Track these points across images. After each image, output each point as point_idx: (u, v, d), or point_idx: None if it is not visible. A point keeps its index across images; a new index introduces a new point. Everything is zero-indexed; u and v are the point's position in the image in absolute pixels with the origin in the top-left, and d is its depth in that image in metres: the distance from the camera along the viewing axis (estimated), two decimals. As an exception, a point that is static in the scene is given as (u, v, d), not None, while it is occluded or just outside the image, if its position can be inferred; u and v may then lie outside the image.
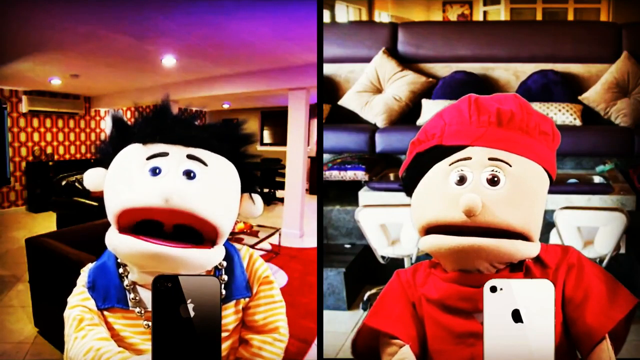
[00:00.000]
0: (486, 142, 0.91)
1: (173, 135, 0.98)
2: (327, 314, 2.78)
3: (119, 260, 1.00)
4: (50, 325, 2.78)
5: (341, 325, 2.72)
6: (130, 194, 0.92)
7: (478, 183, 0.88)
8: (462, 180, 0.89)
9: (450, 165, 0.91)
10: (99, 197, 1.02)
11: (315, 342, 2.70)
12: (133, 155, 0.98)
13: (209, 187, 0.96)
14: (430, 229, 0.91)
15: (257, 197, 1.10)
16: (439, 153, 0.93)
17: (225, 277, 1.04)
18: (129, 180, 0.94)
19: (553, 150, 0.96)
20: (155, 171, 0.94)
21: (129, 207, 0.92)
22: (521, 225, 0.87)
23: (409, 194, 0.98)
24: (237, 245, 1.13)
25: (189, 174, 0.95)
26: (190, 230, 0.94)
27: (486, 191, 0.87)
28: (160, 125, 0.99)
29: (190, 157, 0.97)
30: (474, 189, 0.87)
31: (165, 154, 0.96)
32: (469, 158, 0.90)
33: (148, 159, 0.96)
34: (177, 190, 0.90)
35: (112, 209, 0.95)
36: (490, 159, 0.89)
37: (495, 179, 0.87)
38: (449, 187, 0.89)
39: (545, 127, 0.94)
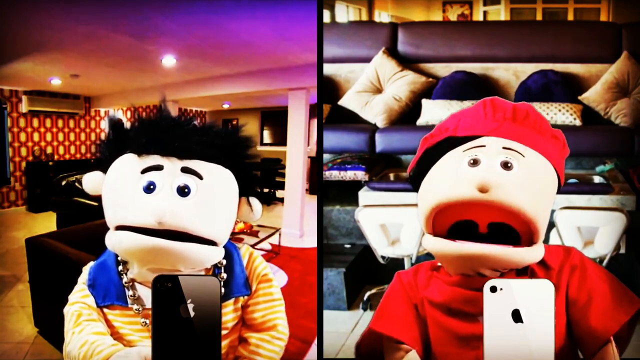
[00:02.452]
0: (501, 134, 0.91)
1: (168, 148, 0.97)
2: (327, 314, 2.78)
3: (118, 258, 1.01)
4: (50, 325, 2.78)
5: (341, 325, 2.72)
6: (125, 212, 0.93)
7: (491, 166, 0.87)
8: (475, 163, 0.88)
9: (464, 151, 0.90)
10: (99, 197, 1.02)
11: (315, 342, 2.70)
12: (128, 167, 0.97)
13: (204, 203, 0.95)
14: (437, 221, 0.89)
15: (255, 202, 1.08)
16: (451, 144, 0.93)
17: (224, 275, 1.04)
18: (124, 197, 0.94)
19: (563, 157, 0.96)
20: (149, 187, 0.93)
21: (125, 225, 0.93)
22: (532, 211, 0.85)
23: (417, 188, 0.97)
24: (237, 244, 1.13)
25: (183, 190, 0.94)
26: (187, 236, 0.94)
27: (500, 173, 0.86)
28: (154, 135, 0.98)
29: (185, 170, 0.96)
30: (487, 170, 0.86)
31: (159, 168, 0.95)
32: (483, 146, 0.89)
33: (143, 172, 0.95)
34: (170, 210, 0.90)
35: (109, 221, 0.97)
36: (504, 148, 0.89)
37: (509, 164, 0.87)
38: (462, 169, 0.88)
39: (557, 134, 0.95)
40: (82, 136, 7.90)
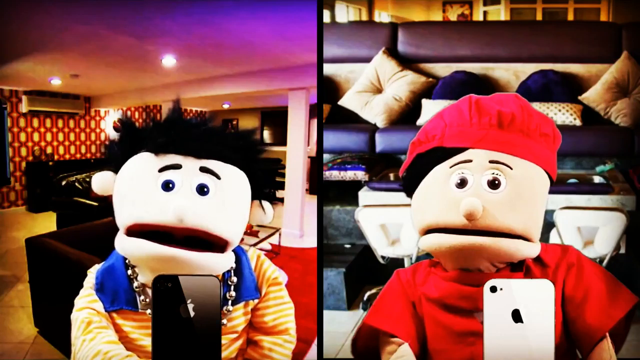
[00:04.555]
0: (487, 145, 0.90)
1: (187, 147, 0.96)
2: (327, 314, 2.78)
3: (127, 262, 1.00)
4: (50, 325, 2.78)
5: (341, 325, 2.72)
6: (143, 210, 0.92)
7: (479, 186, 0.87)
8: (462, 184, 0.89)
9: (451, 167, 0.91)
10: (99, 197, 1.01)
11: (315, 342, 2.70)
12: (145, 165, 0.96)
13: (222, 203, 0.95)
14: (430, 230, 0.91)
15: (267, 205, 1.08)
16: (439, 154, 0.93)
17: (234, 279, 1.04)
18: (141, 194, 0.93)
19: (554, 152, 0.96)
20: (168, 185, 0.93)
21: (142, 223, 0.91)
22: (522, 228, 0.87)
23: (409, 194, 0.98)
24: (243, 247, 1.12)
25: (202, 190, 0.94)
26: (200, 240, 0.93)
27: (487, 195, 0.87)
28: (173, 136, 0.97)
29: (203, 169, 0.95)
30: (475, 193, 0.87)
31: (178, 167, 0.94)
32: (470, 161, 0.90)
33: (160, 170, 0.94)
34: (191, 209, 0.90)
35: (123, 220, 0.95)
36: (491, 161, 0.89)
37: (496, 182, 0.87)
38: (450, 191, 0.89)
39: (546, 128, 0.94)
40: (82, 136, 7.90)
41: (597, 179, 3.06)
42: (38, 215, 6.61)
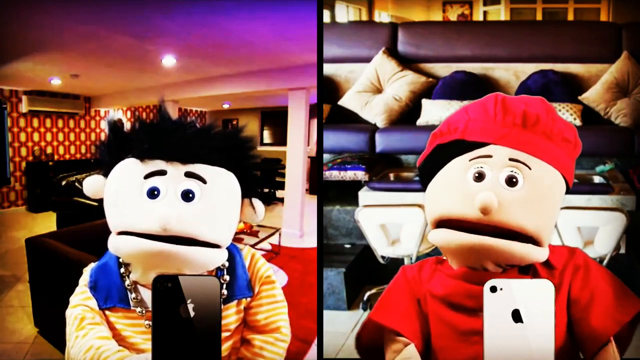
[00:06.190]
0: (509, 143, 0.89)
1: (172, 153, 0.96)
2: (327, 314, 2.78)
3: (120, 260, 1.00)
4: (50, 325, 2.78)
5: (341, 325, 2.72)
6: (130, 218, 0.92)
7: (496, 182, 0.87)
8: (480, 177, 0.88)
9: (470, 161, 0.90)
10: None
11: (315, 342, 2.70)
12: (131, 172, 0.96)
13: (208, 208, 0.94)
14: (442, 223, 0.90)
15: (258, 203, 1.07)
16: (459, 147, 0.92)
17: (227, 277, 1.04)
18: (127, 202, 0.93)
19: (573, 159, 0.95)
20: (153, 193, 0.92)
21: (129, 231, 0.92)
22: (534, 229, 0.86)
23: (424, 184, 0.97)
24: (239, 245, 1.12)
25: (187, 195, 0.93)
26: (190, 241, 0.93)
27: (503, 191, 0.86)
28: (157, 140, 0.96)
29: (188, 174, 0.95)
30: (492, 188, 0.86)
31: (163, 173, 0.94)
32: (490, 156, 0.89)
33: (146, 177, 0.94)
34: (176, 216, 0.89)
35: (113, 226, 0.96)
36: (510, 159, 0.88)
37: (514, 179, 0.86)
38: (466, 183, 0.88)
39: (569, 134, 0.93)
40: (82, 136, 7.91)
41: (597, 179, 3.06)
42: (38, 215, 6.62)
